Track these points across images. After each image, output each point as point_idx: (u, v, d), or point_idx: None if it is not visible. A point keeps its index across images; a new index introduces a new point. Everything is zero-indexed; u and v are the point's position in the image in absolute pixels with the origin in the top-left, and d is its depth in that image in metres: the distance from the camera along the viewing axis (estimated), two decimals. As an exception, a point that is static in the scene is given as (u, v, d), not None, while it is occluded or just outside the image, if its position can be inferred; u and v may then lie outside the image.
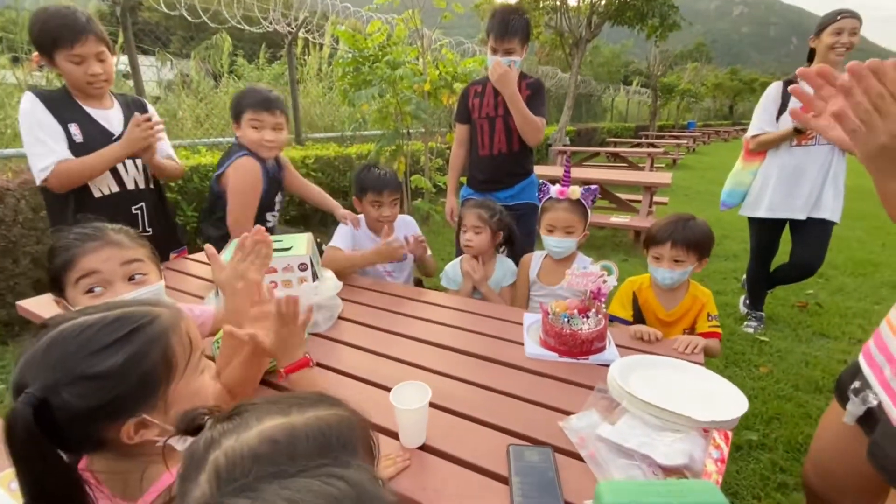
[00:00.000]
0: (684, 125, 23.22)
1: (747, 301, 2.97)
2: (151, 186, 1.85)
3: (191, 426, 0.51)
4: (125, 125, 1.68)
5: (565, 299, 1.36)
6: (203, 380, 0.71)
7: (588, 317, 1.24)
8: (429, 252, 1.98)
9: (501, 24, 1.97)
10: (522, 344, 1.30)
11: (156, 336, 0.63)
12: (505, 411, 1.01)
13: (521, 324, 1.42)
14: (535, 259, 1.80)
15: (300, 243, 1.42)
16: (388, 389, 1.05)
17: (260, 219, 1.85)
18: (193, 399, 0.67)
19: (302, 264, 1.33)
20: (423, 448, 0.90)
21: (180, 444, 0.65)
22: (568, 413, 0.99)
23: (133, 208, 1.78)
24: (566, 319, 1.23)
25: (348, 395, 1.03)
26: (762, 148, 2.48)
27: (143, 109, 1.84)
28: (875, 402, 0.84)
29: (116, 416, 0.59)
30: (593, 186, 1.66)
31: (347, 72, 4.30)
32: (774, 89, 2.42)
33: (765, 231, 2.61)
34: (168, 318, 0.66)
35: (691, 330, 1.60)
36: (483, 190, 2.23)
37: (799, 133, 2.32)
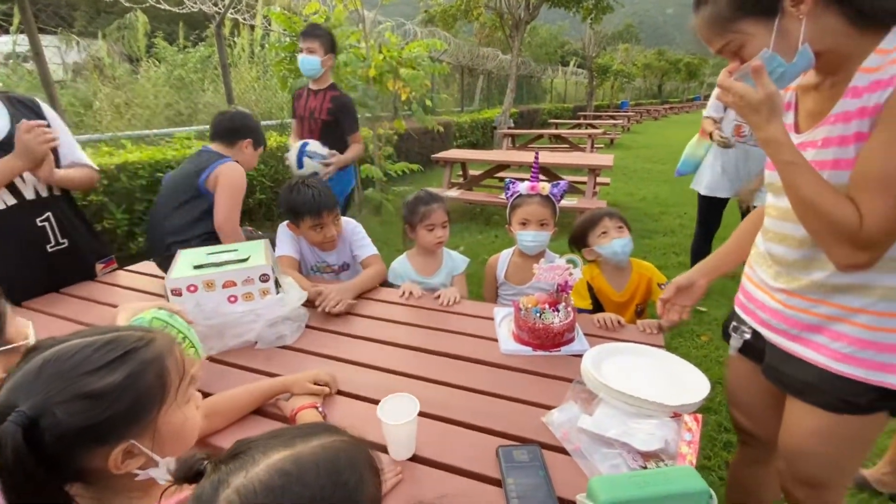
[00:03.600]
0: (618, 105, 24.26)
1: None
2: (56, 193, 1.62)
3: (190, 473, 0.50)
4: (12, 126, 1.44)
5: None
6: (190, 409, 0.70)
7: (558, 310, 1.28)
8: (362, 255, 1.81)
9: (306, 27, 2.77)
10: (496, 340, 1.32)
11: (152, 357, 0.63)
12: (489, 411, 1.03)
13: (491, 319, 1.44)
14: (502, 259, 1.82)
15: (257, 252, 1.34)
16: (368, 400, 1.05)
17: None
18: (182, 429, 0.67)
19: (263, 275, 1.26)
20: (413, 459, 0.89)
21: (163, 475, 0.63)
22: (549, 407, 1.02)
23: (38, 221, 1.56)
24: (538, 314, 1.26)
25: (328, 410, 1.01)
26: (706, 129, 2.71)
27: (35, 110, 1.57)
28: (748, 335, 1.06)
29: (107, 439, 0.58)
30: (562, 182, 1.69)
31: (284, 56, 4.06)
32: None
33: (705, 206, 2.88)
34: (164, 342, 0.66)
35: (644, 303, 1.72)
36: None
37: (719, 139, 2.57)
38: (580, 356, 1.13)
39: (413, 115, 4.90)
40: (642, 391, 0.96)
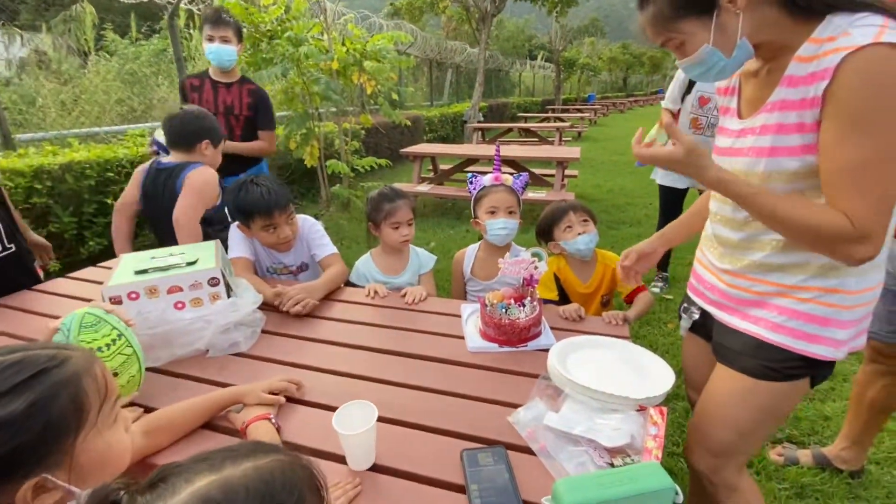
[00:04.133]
0: (585, 98, 24.62)
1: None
2: None
3: None
4: None
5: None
6: (116, 433, 0.63)
7: (524, 304, 1.25)
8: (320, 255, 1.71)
9: (215, 14, 2.47)
10: (463, 338, 1.28)
11: (65, 379, 0.56)
12: (454, 413, 0.99)
13: (458, 316, 1.40)
14: (469, 254, 1.78)
15: (207, 254, 1.26)
16: (328, 408, 0.99)
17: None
18: (106, 456, 0.60)
19: (212, 279, 1.17)
20: (374, 468, 0.85)
21: None
22: (516, 405, 0.99)
23: None
24: (504, 309, 1.23)
25: (284, 420, 0.95)
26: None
27: None
28: (697, 316, 1.11)
29: (13, 474, 0.51)
30: (523, 174, 1.67)
31: (244, 49, 3.89)
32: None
33: (665, 196, 2.95)
34: (80, 360, 0.59)
35: (610, 294, 1.72)
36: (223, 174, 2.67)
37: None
38: (547, 351, 1.10)
39: (380, 109, 4.80)
40: (607, 385, 0.94)
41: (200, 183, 1.74)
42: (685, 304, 1.17)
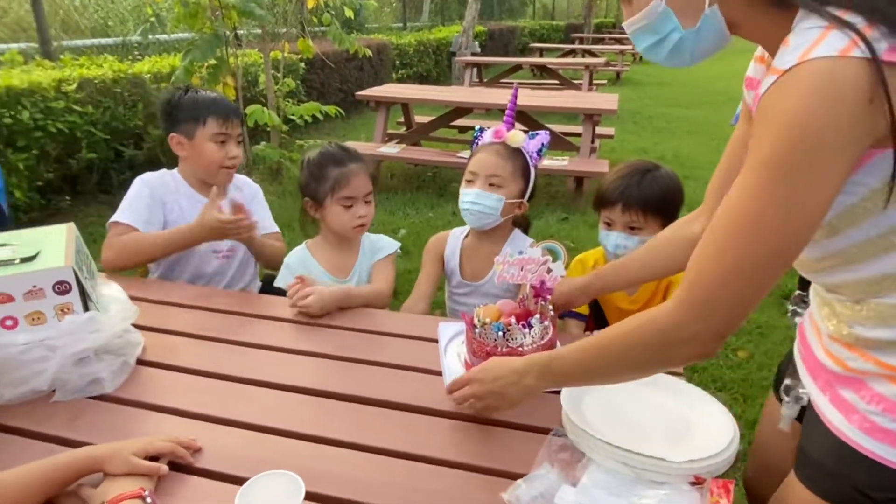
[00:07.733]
0: (628, 23, 24.80)
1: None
2: None
3: None
4: None
5: (496, 300, 1.34)
6: None
7: (531, 325, 1.23)
8: (259, 232, 1.80)
9: None
10: (440, 373, 1.28)
11: None
12: (422, 487, 0.98)
13: (435, 340, 1.39)
14: (454, 239, 1.77)
15: (53, 245, 1.21)
16: (233, 480, 0.98)
17: None
18: None
19: (60, 283, 1.13)
20: (299, 571, 0.83)
21: None
22: (515, 476, 0.98)
23: None
24: (500, 332, 1.22)
25: (167, 498, 0.92)
26: None
27: None
28: (806, 400, 1.01)
29: None
30: (542, 133, 1.65)
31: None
32: None
33: None
34: None
35: None
36: None
37: None
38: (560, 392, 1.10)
39: (327, 33, 4.74)
40: (646, 444, 0.94)
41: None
42: (788, 381, 1.07)
